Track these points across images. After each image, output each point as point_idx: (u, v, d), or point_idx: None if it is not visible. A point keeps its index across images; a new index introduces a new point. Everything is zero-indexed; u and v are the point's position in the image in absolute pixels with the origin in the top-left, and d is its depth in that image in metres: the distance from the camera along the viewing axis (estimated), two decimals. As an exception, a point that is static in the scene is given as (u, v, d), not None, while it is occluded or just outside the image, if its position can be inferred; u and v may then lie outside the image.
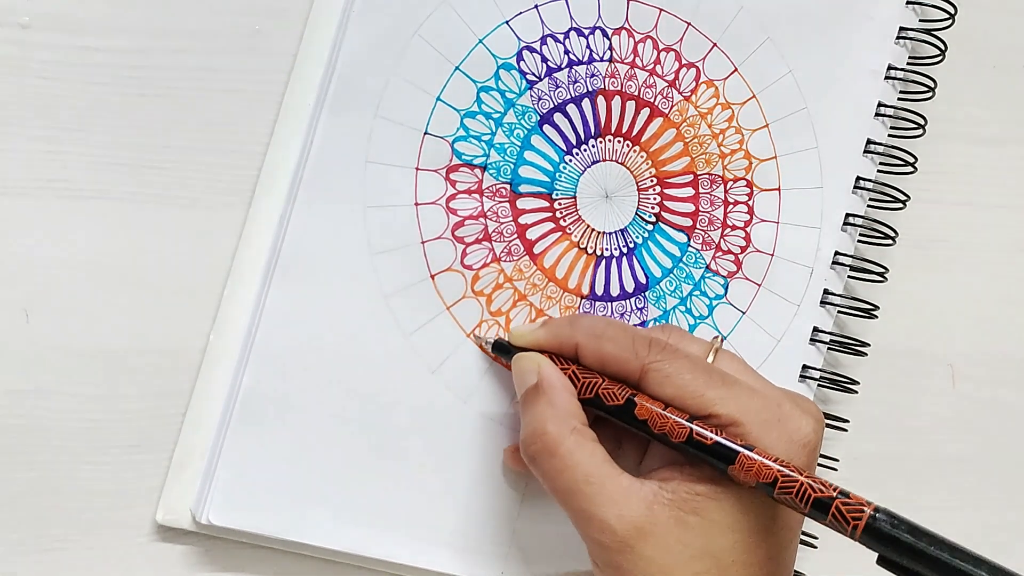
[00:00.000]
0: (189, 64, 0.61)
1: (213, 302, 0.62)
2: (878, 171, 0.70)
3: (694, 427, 0.56)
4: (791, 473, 0.54)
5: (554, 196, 0.65)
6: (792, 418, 0.58)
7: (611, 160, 0.65)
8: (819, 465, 0.66)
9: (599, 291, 0.65)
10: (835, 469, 0.70)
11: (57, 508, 0.60)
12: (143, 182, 0.61)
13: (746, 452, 0.55)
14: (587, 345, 0.59)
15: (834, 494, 0.53)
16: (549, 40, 0.64)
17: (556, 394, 0.58)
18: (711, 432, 0.56)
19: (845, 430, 0.70)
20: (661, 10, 0.66)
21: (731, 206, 0.67)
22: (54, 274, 0.60)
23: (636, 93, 0.66)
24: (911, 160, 0.70)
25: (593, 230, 0.65)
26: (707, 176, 0.67)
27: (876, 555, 0.53)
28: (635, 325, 0.66)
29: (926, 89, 0.70)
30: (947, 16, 0.69)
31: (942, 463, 0.59)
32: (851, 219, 0.69)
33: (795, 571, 0.60)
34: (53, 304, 0.60)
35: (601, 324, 0.60)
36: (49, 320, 0.60)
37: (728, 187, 0.67)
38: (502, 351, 0.63)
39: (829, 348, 0.70)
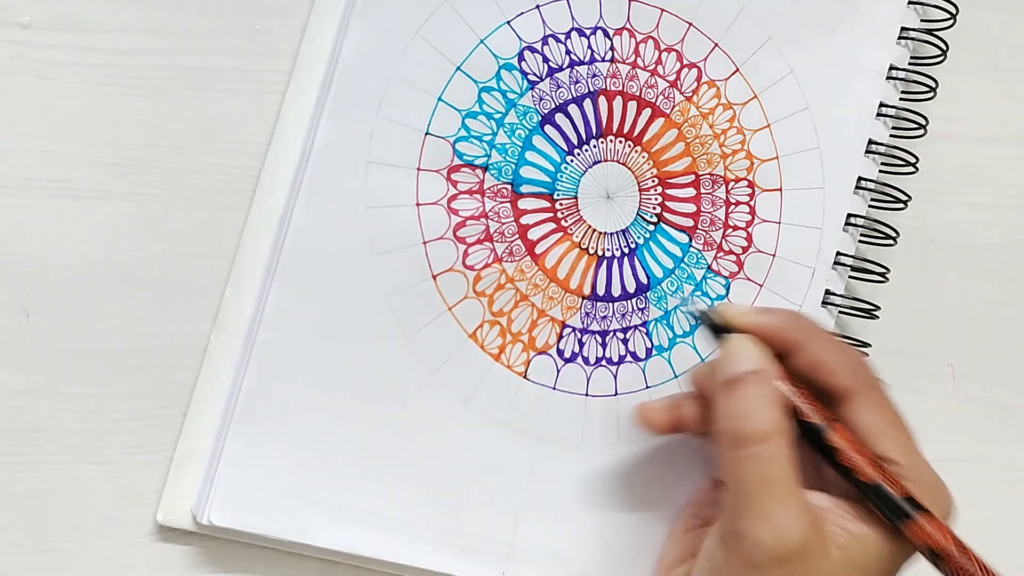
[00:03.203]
0: (189, 64, 0.61)
1: (214, 302, 0.62)
2: (880, 171, 0.70)
3: (885, 474, 0.57)
4: (966, 552, 0.56)
5: (555, 196, 0.65)
6: (947, 495, 0.59)
7: (612, 160, 0.65)
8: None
9: (600, 291, 0.65)
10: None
11: (57, 508, 0.60)
12: (143, 182, 0.61)
13: (926, 515, 0.56)
14: (808, 346, 0.59)
15: None
16: (550, 40, 0.64)
17: (776, 389, 0.58)
18: (896, 487, 0.57)
19: (846, 430, 0.70)
20: (663, 10, 0.65)
21: (732, 206, 0.67)
22: (54, 274, 0.60)
23: (637, 93, 0.65)
24: (913, 160, 0.69)
25: (594, 230, 0.65)
26: (708, 176, 0.67)
27: None
28: (641, 325, 0.66)
29: (928, 89, 0.69)
30: (948, 16, 0.69)
31: (942, 463, 0.58)
32: (852, 219, 0.69)
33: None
34: (53, 304, 0.60)
35: (824, 331, 0.61)
36: (49, 320, 0.60)
37: (730, 187, 0.67)
38: (710, 326, 0.61)
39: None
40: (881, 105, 0.69)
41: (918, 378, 0.74)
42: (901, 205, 0.69)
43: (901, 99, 0.70)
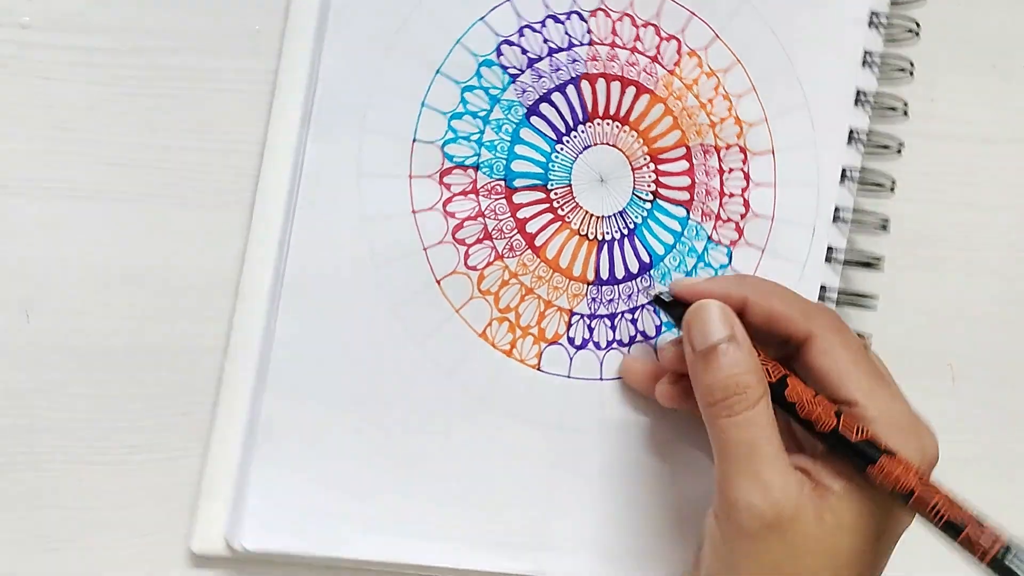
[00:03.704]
0: (189, 64, 0.62)
1: (214, 300, 0.62)
2: (870, 120, 0.69)
3: (841, 421, 0.56)
4: (930, 487, 0.54)
5: (549, 186, 0.65)
6: (926, 435, 0.57)
7: (602, 143, 0.66)
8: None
9: (604, 275, 0.65)
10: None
11: (57, 508, 0.59)
12: (143, 182, 0.61)
13: (888, 456, 0.55)
14: (757, 301, 0.58)
15: (971, 513, 0.54)
16: (526, 31, 0.65)
17: (751, 350, 0.57)
18: (855, 431, 0.55)
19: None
20: (635, -14, 0.67)
21: (726, 174, 0.67)
22: (54, 274, 0.60)
23: (619, 73, 0.66)
24: (902, 106, 0.69)
25: (592, 215, 0.65)
26: (700, 147, 0.67)
27: None
28: (648, 303, 0.66)
29: (910, 31, 0.70)
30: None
31: (942, 463, 0.57)
32: (848, 172, 0.68)
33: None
34: (53, 304, 0.60)
35: (771, 283, 0.60)
36: (49, 320, 0.60)
37: (721, 155, 0.67)
38: (662, 304, 0.61)
39: (838, 304, 0.69)
40: (866, 53, 0.69)
41: (918, 378, 0.72)
42: (896, 153, 0.69)
43: (885, 45, 0.70)
